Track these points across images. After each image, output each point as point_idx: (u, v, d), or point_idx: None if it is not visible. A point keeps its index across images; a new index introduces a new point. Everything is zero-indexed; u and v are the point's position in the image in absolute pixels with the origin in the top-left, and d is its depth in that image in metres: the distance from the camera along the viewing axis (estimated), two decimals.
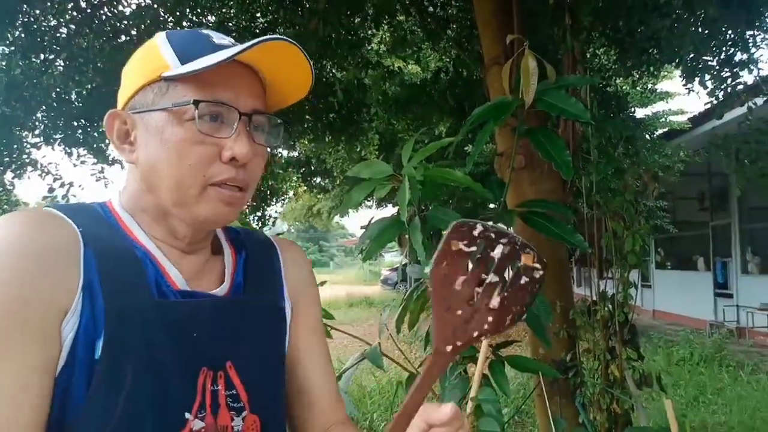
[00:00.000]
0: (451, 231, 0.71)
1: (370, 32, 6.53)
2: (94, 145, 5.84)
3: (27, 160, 5.63)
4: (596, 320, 2.50)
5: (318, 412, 1.00)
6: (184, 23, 5.12)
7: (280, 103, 0.92)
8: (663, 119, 12.22)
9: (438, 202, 2.23)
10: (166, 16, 5.07)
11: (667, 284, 14.18)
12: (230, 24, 5.52)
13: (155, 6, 5.01)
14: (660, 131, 11.41)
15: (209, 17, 5.63)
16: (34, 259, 0.71)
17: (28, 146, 5.51)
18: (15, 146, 5.14)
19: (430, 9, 6.17)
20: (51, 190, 6.04)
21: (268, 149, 0.89)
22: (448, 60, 7.32)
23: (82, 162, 6.15)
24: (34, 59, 4.72)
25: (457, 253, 0.71)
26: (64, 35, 4.83)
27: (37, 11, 4.55)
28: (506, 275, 0.72)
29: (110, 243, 0.79)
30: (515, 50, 2.26)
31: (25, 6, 4.40)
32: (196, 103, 0.77)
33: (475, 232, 0.71)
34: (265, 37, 0.77)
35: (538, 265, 0.73)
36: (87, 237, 0.76)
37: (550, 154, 1.84)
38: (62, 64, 4.96)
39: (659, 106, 12.83)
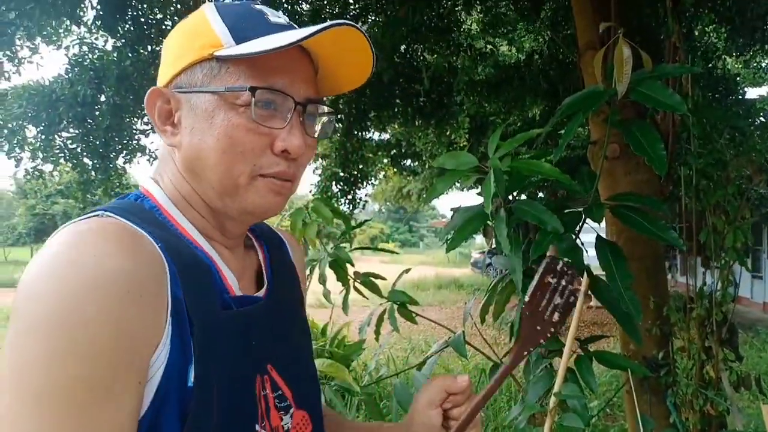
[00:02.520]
0: (545, 268, 0.99)
1: (461, 16, 6.45)
2: None
3: (136, 146, 6.04)
4: (692, 318, 2.39)
5: None
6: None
7: (332, 90, 0.86)
8: None
9: (528, 193, 2.20)
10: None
11: None
12: (324, 12, 5.61)
13: None
14: None
15: (303, 5, 5.75)
16: (122, 291, 0.61)
17: (137, 133, 5.89)
18: (125, 133, 5.52)
19: None
20: None
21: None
22: (542, 42, 7.13)
23: None
24: (141, 51, 5.03)
25: (546, 285, 0.99)
26: (169, 27, 5.11)
27: (144, 5, 4.83)
28: (564, 297, 0.99)
29: (182, 252, 0.71)
30: (611, 35, 2.18)
31: (133, 1, 4.68)
32: (252, 90, 0.72)
33: (558, 267, 0.99)
34: (333, 22, 0.71)
35: (579, 287, 1.01)
36: (167, 251, 0.68)
37: (642, 148, 1.77)
38: None
39: None
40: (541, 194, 9.04)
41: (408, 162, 12.59)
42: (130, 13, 4.65)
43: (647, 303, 2.57)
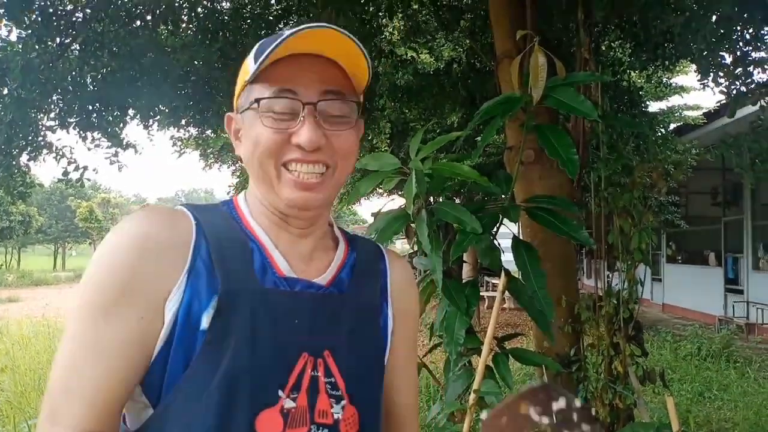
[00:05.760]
0: (526, 393, 0.68)
1: (384, 21, 6.52)
2: (109, 129, 5.88)
3: (42, 143, 5.68)
4: (601, 316, 2.51)
5: (399, 425, 1.09)
6: (198, 9, 5.13)
7: (361, 84, 0.96)
8: (677, 114, 12.13)
9: (447, 195, 2.25)
10: (180, 2, 5.09)
11: (677, 278, 14.12)
12: (245, 11, 5.52)
13: None
14: (674, 125, 11.32)
15: (224, 3, 5.64)
16: (143, 247, 0.83)
17: (44, 129, 5.56)
18: (30, 129, 5.20)
19: None
20: (65, 173, 6.09)
21: (353, 127, 0.93)
22: (461, 50, 7.30)
23: (97, 146, 6.19)
24: (50, 43, 4.75)
25: (522, 417, 0.67)
26: (80, 20, 4.86)
27: None
28: None
29: (226, 234, 0.91)
30: (527, 44, 2.26)
31: None
32: (257, 101, 0.88)
33: (555, 406, 0.67)
34: (304, 26, 0.83)
35: None
36: (203, 229, 0.89)
37: (556, 151, 1.85)
38: (78, 48, 4.99)
39: (674, 101, 12.71)
40: (457, 201, 9.25)
41: None
42: (37, 3, 4.40)
43: (560, 302, 2.68)
